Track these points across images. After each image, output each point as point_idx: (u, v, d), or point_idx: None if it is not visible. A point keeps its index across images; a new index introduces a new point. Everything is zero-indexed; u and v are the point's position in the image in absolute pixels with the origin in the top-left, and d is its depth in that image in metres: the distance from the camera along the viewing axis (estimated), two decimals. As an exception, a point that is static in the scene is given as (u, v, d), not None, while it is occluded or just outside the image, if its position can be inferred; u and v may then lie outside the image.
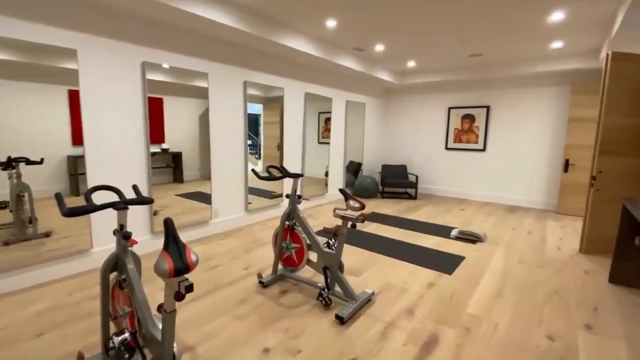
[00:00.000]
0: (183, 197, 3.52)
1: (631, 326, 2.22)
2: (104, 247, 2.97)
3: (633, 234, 2.77)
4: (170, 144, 3.36)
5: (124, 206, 1.51)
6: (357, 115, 6.39)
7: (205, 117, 3.59)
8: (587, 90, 5.10)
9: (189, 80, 3.41)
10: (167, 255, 1.16)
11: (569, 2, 3.11)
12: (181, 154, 3.47)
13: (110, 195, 2.86)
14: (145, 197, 1.65)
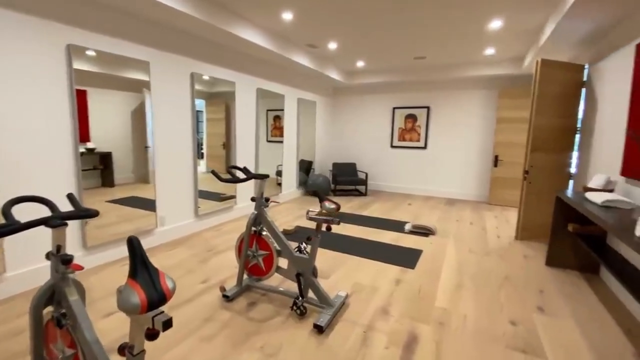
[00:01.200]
0: (116, 204, 3.02)
1: (575, 305, 2.46)
2: (21, 270, 2.39)
3: (566, 221, 3.11)
4: (97, 143, 2.84)
5: (62, 222, 1.17)
6: (308, 114, 6.27)
7: (138, 113, 3.10)
8: (512, 94, 5.68)
9: (119, 70, 2.90)
10: (136, 285, 0.90)
11: (507, 11, 3.37)
12: (111, 154, 2.96)
13: (37, 209, 2.31)
14: (87, 209, 1.31)
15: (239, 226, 4.18)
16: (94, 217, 1.32)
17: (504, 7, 3.25)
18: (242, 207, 4.61)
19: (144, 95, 3.15)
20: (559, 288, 2.73)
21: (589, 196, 2.58)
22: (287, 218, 4.67)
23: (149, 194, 3.29)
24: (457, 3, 3.18)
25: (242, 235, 2.47)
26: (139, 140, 3.17)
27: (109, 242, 2.96)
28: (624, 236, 1.69)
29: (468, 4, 3.20)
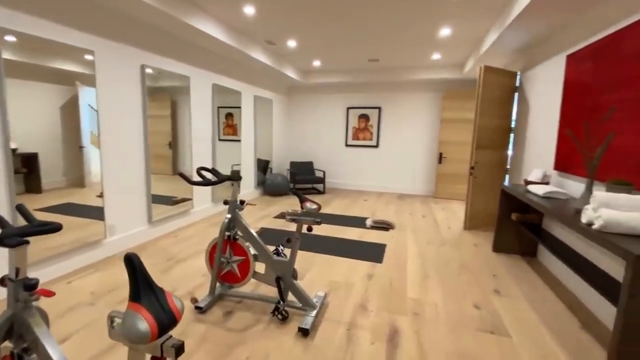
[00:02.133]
0: (46, 212, 2.59)
1: (523, 285, 2.75)
2: None
3: (509, 211, 3.46)
4: (18, 143, 2.41)
5: (22, 240, 0.96)
6: (265, 112, 6.10)
7: (69, 109, 2.67)
8: (454, 97, 6.16)
9: (45, 60, 2.48)
10: (141, 309, 0.76)
11: (456, 20, 3.63)
12: (36, 155, 2.52)
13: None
14: (48, 223, 1.09)
15: (198, 231, 3.90)
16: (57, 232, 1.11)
17: (454, 16, 3.49)
18: (200, 210, 4.32)
19: (77, 88, 2.74)
20: (507, 271, 3.03)
21: (531, 188, 2.90)
22: (250, 220, 4.49)
23: (87, 200, 2.87)
24: (412, 11, 3.33)
25: (214, 241, 2.31)
26: (71, 140, 2.74)
27: (47, 258, 2.54)
28: (572, 223, 1.92)
29: (423, 12, 3.38)
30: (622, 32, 2.16)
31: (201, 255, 3.16)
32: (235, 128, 5.18)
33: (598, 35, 2.49)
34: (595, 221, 1.75)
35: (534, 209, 3.37)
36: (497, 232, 3.54)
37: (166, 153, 3.83)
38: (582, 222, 1.87)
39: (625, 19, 2.17)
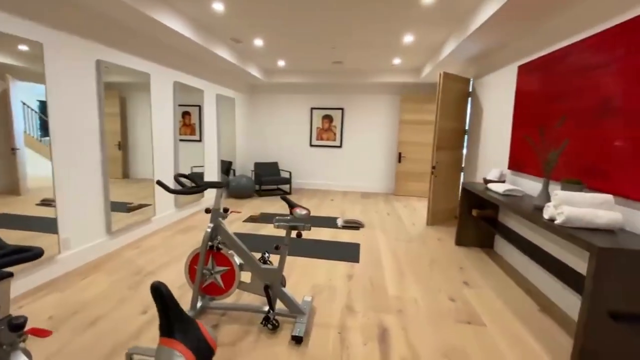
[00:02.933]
0: None
1: (486, 275, 2.99)
2: None
3: (470, 208, 3.73)
4: None
5: (7, 273, 0.81)
6: (228, 111, 5.84)
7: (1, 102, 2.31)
8: (412, 100, 6.47)
9: None
10: (178, 344, 0.69)
11: (418, 28, 3.80)
12: None
13: None
14: (27, 248, 0.94)
15: (163, 240, 3.63)
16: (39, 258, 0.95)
17: (418, 25, 3.65)
18: (163, 217, 4.01)
19: (7, 83, 2.36)
20: (471, 264, 3.26)
21: (491, 187, 3.15)
22: (217, 224, 4.27)
23: (26, 209, 2.49)
24: (379, 16, 3.42)
25: (194, 252, 2.16)
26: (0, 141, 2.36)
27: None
28: (535, 219, 2.13)
29: (389, 19, 3.48)
30: (568, 48, 2.44)
31: (172, 266, 2.94)
32: (193, 127, 4.87)
33: (547, 49, 2.77)
34: (558, 217, 1.95)
35: (490, 205, 3.67)
36: (459, 227, 3.80)
37: (115, 154, 3.43)
38: (544, 218, 2.07)
39: (571, 37, 2.45)
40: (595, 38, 2.17)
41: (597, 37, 2.15)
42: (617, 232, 1.81)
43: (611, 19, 2.07)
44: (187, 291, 2.49)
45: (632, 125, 1.85)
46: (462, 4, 3.04)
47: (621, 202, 1.94)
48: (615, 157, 1.97)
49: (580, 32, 2.36)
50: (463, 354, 1.89)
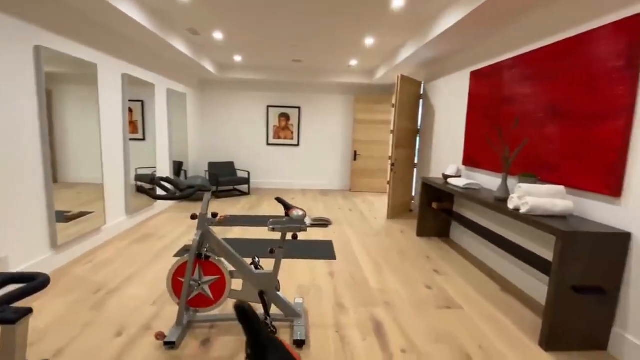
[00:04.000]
0: None
1: (450, 262, 3.25)
2: None
3: (430, 201, 4.01)
4: None
5: (26, 311, 0.64)
6: (179, 108, 5.38)
7: None
8: (365, 100, 6.70)
9: None
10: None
11: (381, 32, 3.94)
12: None
13: None
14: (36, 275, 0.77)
15: (118, 252, 3.22)
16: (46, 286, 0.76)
17: (381, 29, 3.78)
18: (114, 225, 3.54)
19: None
20: (435, 252, 3.52)
21: (451, 181, 3.42)
22: (180, 230, 3.93)
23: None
24: (342, 17, 3.47)
25: (179, 263, 1.96)
26: None
27: None
28: (501, 209, 2.37)
29: (352, 21, 3.55)
30: (518, 58, 2.75)
31: (136, 280, 2.62)
32: (136, 125, 4.36)
33: (498, 58, 3.10)
34: (522, 207, 2.20)
35: (447, 198, 3.99)
36: (420, 219, 4.06)
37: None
38: (510, 208, 2.33)
39: (519, 48, 2.77)
40: (539, 51, 2.48)
41: (541, 51, 2.46)
42: (568, 217, 2.11)
43: (552, 36, 2.39)
44: (162, 307, 2.25)
45: (574, 127, 2.17)
46: (425, 13, 3.23)
47: (570, 192, 2.26)
48: (562, 153, 2.28)
49: (527, 45, 2.68)
50: (451, 336, 2.03)
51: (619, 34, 1.87)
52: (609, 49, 1.94)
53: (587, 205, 2.11)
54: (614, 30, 1.90)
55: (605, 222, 1.97)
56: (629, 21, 1.81)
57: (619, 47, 1.87)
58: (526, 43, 2.71)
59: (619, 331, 1.86)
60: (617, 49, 1.88)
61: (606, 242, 1.83)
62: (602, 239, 1.82)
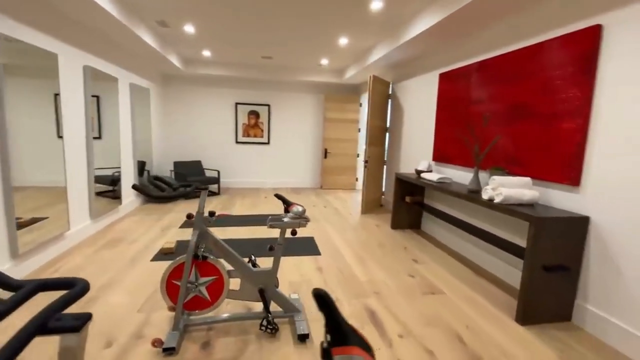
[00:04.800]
0: None
1: (426, 251, 3.45)
2: None
3: (403, 195, 4.20)
4: None
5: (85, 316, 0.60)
6: (142, 104, 5.02)
7: None
8: (335, 99, 6.80)
9: None
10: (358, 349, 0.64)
11: (356, 33, 4.04)
12: None
13: None
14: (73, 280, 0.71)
15: (87, 259, 2.95)
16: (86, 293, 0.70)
17: (356, 30, 3.87)
18: (78, 231, 3.23)
19: None
20: (411, 243, 3.71)
21: (424, 176, 3.62)
22: (151, 234, 3.69)
23: None
24: (318, 17, 3.51)
25: (172, 266, 1.86)
26: None
27: None
28: (476, 200, 2.58)
29: (327, 21, 3.60)
30: (486, 61, 3.00)
31: (116, 288, 2.43)
32: (92, 122, 3.99)
33: (466, 61, 3.34)
34: (496, 197, 2.41)
35: (419, 192, 4.22)
36: (394, 213, 4.24)
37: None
38: (484, 198, 2.54)
39: (487, 53, 3.02)
40: (506, 56, 2.73)
41: (508, 56, 2.71)
42: (535, 205, 2.36)
43: (517, 42, 2.64)
44: (150, 314, 2.12)
45: (538, 125, 2.43)
46: (400, 16, 3.37)
47: (535, 183, 2.52)
48: (528, 149, 2.54)
49: (495, 50, 2.93)
50: (440, 319, 2.17)
51: (577, 43, 2.13)
52: (568, 56, 2.20)
53: (550, 194, 2.38)
54: (572, 40, 2.16)
55: (567, 209, 2.24)
56: (585, 32, 2.08)
57: (577, 55, 2.13)
58: (493, 48, 2.96)
59: (581, 303, 2.13)
60: (575, 57, 2.14)
61: (569, 225, 2.08)
62: (566, 223, 2.07)
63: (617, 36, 1.91)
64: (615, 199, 1.92)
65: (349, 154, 7.03)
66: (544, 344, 1.94)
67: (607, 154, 1.98)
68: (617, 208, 1.91)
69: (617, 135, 1.91)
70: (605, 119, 1.99)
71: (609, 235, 1.96)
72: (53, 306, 0.63)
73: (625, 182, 1.87)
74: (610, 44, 1.95)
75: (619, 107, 1.91)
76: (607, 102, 1.98)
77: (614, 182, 1.94)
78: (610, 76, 1.95)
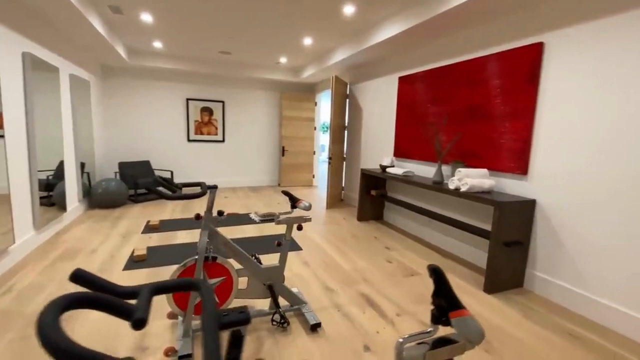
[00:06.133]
0: None
1: (394, 239, 3.75)
2: None
3: (368, 189, 4.47)
4: None
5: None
6: (82, 98, 4.41)
7: None
8: (291, 97, 6.82)
9: None
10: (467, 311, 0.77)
11: (321, 35, 4.15)
12: None
13: None
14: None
15: (42, 275, 2.54)
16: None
17: (322, 31, 3.98)
18: (24, 243, 2.74)
19: None
20: (378, 233, 3.99)
21: (390, 171, 3.92)
22: (111, 242, 3.31)
23: None
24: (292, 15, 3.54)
25: (180, 269, 1.76)
26: None
27: None
28: (444, 190, 2.92)
29: (292, 19, 3.66)
30: (444, 68, 3.37)
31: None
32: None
33: (426, 66, 3.70)
34: (462, 186, 2.77)
35: (382, 185, 4.53)
36: (360, 206, 4.49)
37: None
38: (451, 188, 2.88)
39: (444, 60, 3.40)
40: (465, 64, 3.12)
41: (466, 63, 3.11)
42: (492, 192, 2.78)
43: (475, 52, 3.05)
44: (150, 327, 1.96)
45: (493, 124, 2.85)
46: (369, 21, 3.57)
47: (491, 173, 2.95)
48: (484, 144, 2.96)
49: (453, 58, 3.32)
50: (425, 296, 2.43)
51: (524, 56, 2.56)
52: (516, 66, 2.62)
53: (503, 182, 2.81)
54: (520, 53, 2.59)
55: (518, 194, 2.68)
56: (530, 48, 2.51)
57: (524, 66, 2.56)
58: (452, 56, 3.34)
59: (530, 270, 2.58)
60: (522, 67, 2.57)
61: (521, 207, 2.50)
62: (519, 205, 2.49)
63: (556, 52, 2.36)
64: (555, 185, 2.39)
65: (307, 152, 7.13)
66: (510, 307, 2.32)
67: (547, 149, 2.43)
68: (556, 192, 2.38)
69: (555, 134, 2.37)
70: (546, 121, 2.44)
71: (551, 214, 2.42)
72: (213, 306, 0.62)
73: (561, 172, 2.33)
74: (551, 59, 2.39)
75: (556, 112, 2.36)
76: (547, 107, 2.43)
77: (553, 171, 2.39)
78: (550, 85, 2.40)
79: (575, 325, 2.12)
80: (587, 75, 2.18)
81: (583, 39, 2.19)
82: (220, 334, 0.57)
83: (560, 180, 2.35)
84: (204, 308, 0.63)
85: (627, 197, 1.99)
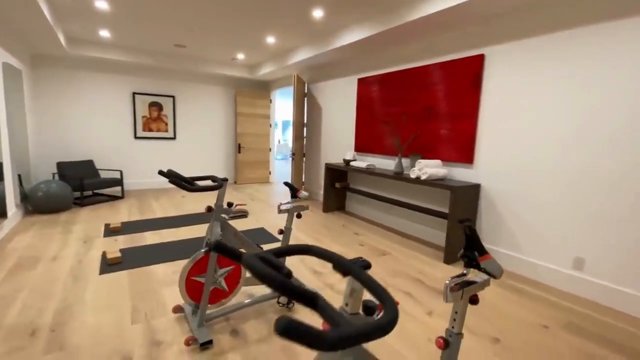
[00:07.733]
0: None
1: (362, 227, 4.08)
2: None
3: (333, 182, 4.73)
4: None
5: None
6: (13, 91, 3.79)
7: None
8: (246, 94, 6.74)
9: None
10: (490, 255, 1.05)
11: (285, 34, 4.25)
12: None
13: None
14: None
15: (6, 284, 2.25)
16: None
17: (287, 31, 4.10)
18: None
19: None
20: (345, 222, 4.29)
21: (353, 164, 4.23)
22: (72, 247, 2.99)
23: None
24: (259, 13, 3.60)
25: (189, 265, 1.78)
26: None
27: None
28: (405, 179, 3.32)
29: (261, 17, 3.73)
30: (401, 72, 3.78)
31: (77, 311, 2.01)
32: None
33: (384, 70, 4.07)
34: (422, 175, 3.19)
35: (344, 178, 4.84)
36: (325, 198, 4.74)
37: None
38: (412, 177, 3.29)
39: (401, 65, 3.80)
40: (420, 68, 3.56)
41: (420, 69, 3.54)
42: (445, 179, 3.25)
43: (428, 59, 3.49)
44: (149, 322, 1.92)
45: (444, 122, 3.33)
46: (335, 25, 3.79)
47: (443, 163, 3.43)
48: (437, 139, 3.43)
49: (410, 63, 3.74)
50: (400, 271, 2.79)
51: (469, 65, 3.06)
52: (463, 73, 3.11)
53: (454, 171, 3.31)
54: (466, 62, 3.08)
55: (465, 180, 3.20)
56: (474, 58, 3.01)
57: (469, 73, 3.06)
58: (408, 62, 3.75)
59: (478, 241, 3.11)
60: (468, 74, 3.07)
61: (470, 190, 3.01)
62: (468, 189, 2.99)
63: (493, 63, 2.89)
64: (494, 172, 2.93)
65: (263, 149, 7.13)
66: (466, 272, 2.79)
67: (488, 144, 2.96)
68: (495, 177, 2.92)
69: (492, 132, 2.90)
70: (486, 120, 2.97)
71: (492, 195, 2.96)
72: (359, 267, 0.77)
73: (498, 161, 2.88)
74: (490, 68, 2.92)
75: (493, 112, 2.90)
76: (487, 108, 2.95)
77: (492, 161, 2.93)
78: (489, 90, 2.93)
79: (516, 281, 2.66)
80: (519, 83, 2.73)
81: (516, 53, 2.73)
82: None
83: (497, 168, 2.90)
84: (352, 268, 0.78)
85: (552, 180, 2.57)
